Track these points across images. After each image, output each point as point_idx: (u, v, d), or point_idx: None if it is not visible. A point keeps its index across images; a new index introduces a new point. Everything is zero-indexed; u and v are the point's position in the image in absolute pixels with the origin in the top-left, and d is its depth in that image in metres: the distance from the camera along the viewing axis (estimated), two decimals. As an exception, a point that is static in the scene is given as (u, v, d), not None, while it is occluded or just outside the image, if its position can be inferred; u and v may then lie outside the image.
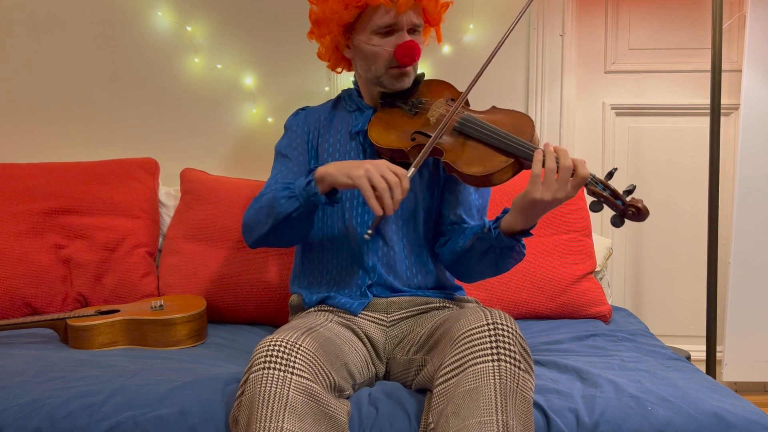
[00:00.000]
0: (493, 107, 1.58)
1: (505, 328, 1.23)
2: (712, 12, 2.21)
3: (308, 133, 1.69)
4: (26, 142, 2.41)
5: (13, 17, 2.39)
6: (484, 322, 1.23)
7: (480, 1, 2.38)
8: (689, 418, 1.29)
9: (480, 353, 1.20)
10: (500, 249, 1.45)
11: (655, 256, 2.55)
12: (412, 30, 1.55)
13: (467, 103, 1.59)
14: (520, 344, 1.23)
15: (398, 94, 1.61)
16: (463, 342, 1.23)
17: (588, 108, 2.51)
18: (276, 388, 1.18)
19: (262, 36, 2.41)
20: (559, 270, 2.02)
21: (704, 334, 2.30)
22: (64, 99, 2.42)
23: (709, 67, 2.25)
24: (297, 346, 1.23)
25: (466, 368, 1.20)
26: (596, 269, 2.12)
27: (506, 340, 1.21)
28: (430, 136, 1.47)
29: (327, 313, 1.55)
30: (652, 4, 2.47)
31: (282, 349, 1.22)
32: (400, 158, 1.54)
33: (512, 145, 1.40)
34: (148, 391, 1.36)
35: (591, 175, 1.33)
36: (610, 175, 1.36)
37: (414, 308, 1.57)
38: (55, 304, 1.99)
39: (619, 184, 1.36)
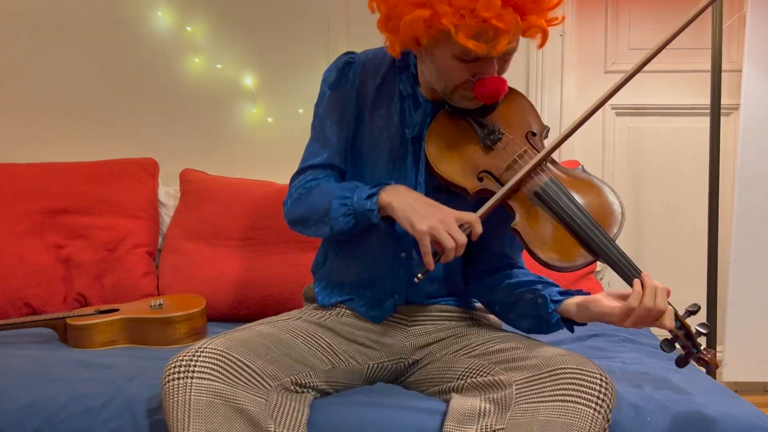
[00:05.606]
0: (582, 169, 1.36)
1: (612, 390, 1.21)
2: (712, 12, 2.21)
3: (357, 98, 1.43)
4: (26, 142, 2.41)
5: (13, 17, 2.39)
6: (598, 374, 1.21)
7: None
8: (689, 419, 1.29)
9: (586, 396, 1.18)
10: (542, 320, 1.39)
11: (655, 256, 2.55)
12: (503, 57, 1.29)
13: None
14: (612, 407, 1.22)
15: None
16: (569, 377, 1.20)
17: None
18: (177, 396, 1.16)
19: (262, 36, 2.40)
20: (559, 270, 2.01)
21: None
22: (64, 99, 2.41)
23: (709, 67, 2.25)
24: (200, 350, 1.21)
25: (567, 402, 1.18)
26: (596, 269, 2.12)
27: (611, 401, 1.20)
28: (500, 184, 1.29)
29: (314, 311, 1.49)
30: (652, 4, 2.47)
31: (183, 358, 1.20)
32: (458, 191, 1.35)
33: (600, 247, 1.25)
34: (148, 394, 1.36)
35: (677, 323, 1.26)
36: (690, 313, 1.29)
37: (435, 313, 1.49)
38: (54, 304, 1.99)
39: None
